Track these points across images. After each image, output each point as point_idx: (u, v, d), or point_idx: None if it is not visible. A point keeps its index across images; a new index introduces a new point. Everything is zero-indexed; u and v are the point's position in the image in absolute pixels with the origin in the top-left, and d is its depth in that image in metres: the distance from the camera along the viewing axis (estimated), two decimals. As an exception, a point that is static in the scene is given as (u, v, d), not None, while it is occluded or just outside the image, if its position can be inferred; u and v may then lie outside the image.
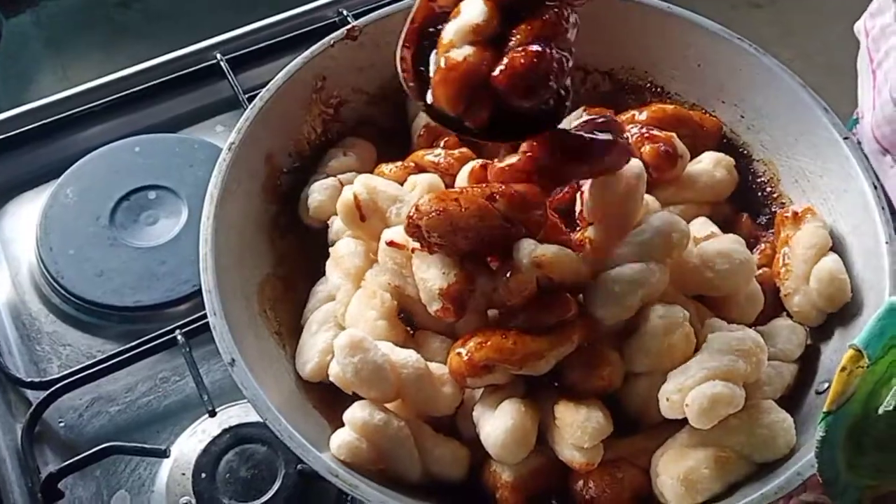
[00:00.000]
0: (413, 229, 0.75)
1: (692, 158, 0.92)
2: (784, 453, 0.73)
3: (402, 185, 0.88)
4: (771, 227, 0.91)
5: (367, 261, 0.84)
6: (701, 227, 0.87)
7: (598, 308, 0.76)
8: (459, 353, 0.74)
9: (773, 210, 0.92)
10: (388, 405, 0.77)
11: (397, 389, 0.76)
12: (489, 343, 0.74)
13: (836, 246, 0.84)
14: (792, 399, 0.80)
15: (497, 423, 0.74)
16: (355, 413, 0.75)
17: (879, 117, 1.02)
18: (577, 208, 0.83)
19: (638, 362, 0.76)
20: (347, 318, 0.82)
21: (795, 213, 0.86)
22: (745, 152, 0.95)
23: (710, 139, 0.95)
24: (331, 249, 0.86)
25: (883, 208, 0.81)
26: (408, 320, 0.83)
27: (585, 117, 0.82)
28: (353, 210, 0.83)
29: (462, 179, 0.84)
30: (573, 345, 0.75)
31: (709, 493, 0.72)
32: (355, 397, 0.77)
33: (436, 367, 0.77)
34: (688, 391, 0.71)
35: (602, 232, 0.80)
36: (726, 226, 0.90)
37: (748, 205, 0.94)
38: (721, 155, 0.92)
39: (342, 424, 0.76)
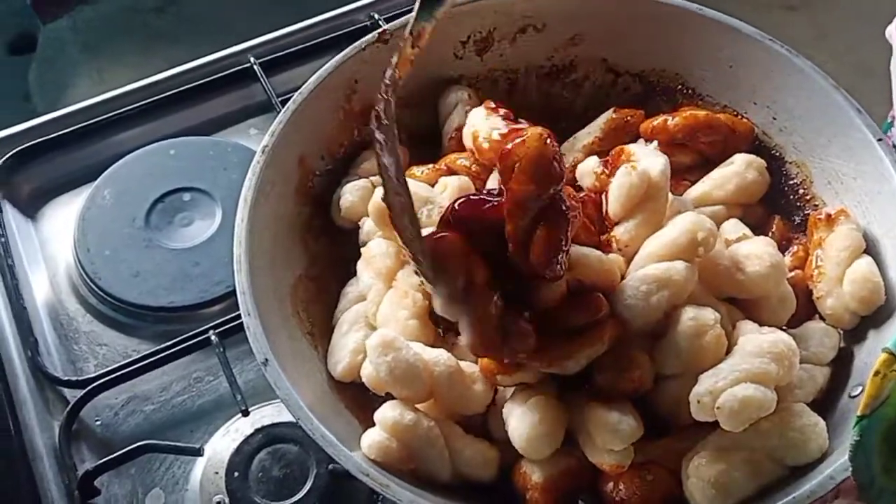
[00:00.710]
0: (446, 227, 0.75)
1: (723, 161, 0.92)
2: (816, 457, 0.72)
3: (433, 186, 0.89)
4: (804, 229, 0.90)
5: (398, 261, 0.84)
6: (733, 228, 0.86)
7: (624, 308, 0.76)
8: None
9: (806, 212, 0.92)
10: (419, 405, 0.77)
11: (429, 388, 0.76)
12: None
13: (870, 248, 0.84)
14: (825, 403, 0.79)
15: (525, 419, 0.74)
16: (386, 413, 0.76)
17: None
18: (604, 209, 0.83)
19: (668, 365, 0.76)
20: (379, 318, 0.83)
21: (829, 215, 0.85)
22: (778, 154, 0.95)
23: (742, 142, 0.94)
24: (362, 250, 0.87)
25: (918, 211, 0.80)
26: (437, 320, 0.83)
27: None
28: (384, 212, 0.83)
29: (492, 183, 0.85)
30: (604, 345, 0.75)
31: (740, 497, 0.72)
32: (387, 398, 0.78)
33: (466, 366, 0.78)
34: (719, 394, 0.70)
35: (628, 231, 0.80)
36: (759, 228, 0.89)
37: (781, 207, 0.93)
38: (752, 157, 0.91)
39: (373, 424, 0.76)
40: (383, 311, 0.82)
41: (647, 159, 0.83)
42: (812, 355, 0.80)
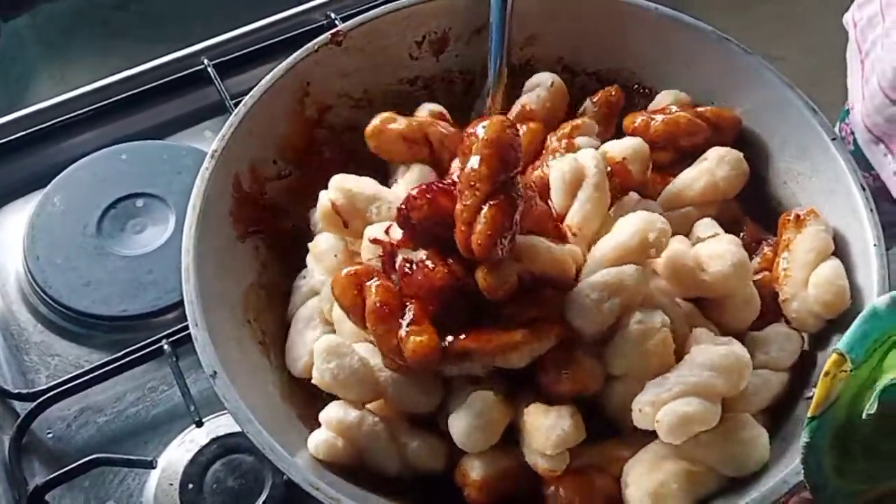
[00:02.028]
0: (402, 220, 0.74)
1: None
2: (756, 469, 0.72)
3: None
4: (774, 230, 0.88)
5: (348, 255, 0.83)
6: (705, 228, 0.85)
7: (575, 318, 0.74)
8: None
9: (768, 211, 0.91)
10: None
11: (376, 391, 0.76)
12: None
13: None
14: (783, 408, 0.78)
15: (464, 411, 0.74)
16: (330, 413, 0.76)
17: (870, 107, 1.01)
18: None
19: (615, 366, 0.75)
20: (335, 315, 0.82)
21: (798, 216, 0.83)
22: (736, 153, 0.94)
23: (727, 136, 0.92)
24: (310, 245, 0.85)
25: (871, 210, 0.80)
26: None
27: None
28: (333, 216, 0.82)
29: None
30: (550, 342, 0.74)
31: None
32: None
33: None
34: (661, 405, 0.70)
35: (575, 215, 0.80)
36: (734, 226, 0.88)
37: (755, 204, 0.92)
38: (726, 150, 0.89)
39: (322, 429, 0.76)
40: (338, 308, 0.81)
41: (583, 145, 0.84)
42: (771, 360, 0.79)
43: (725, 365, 0.72)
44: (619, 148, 0.87)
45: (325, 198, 0.83)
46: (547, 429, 0.72)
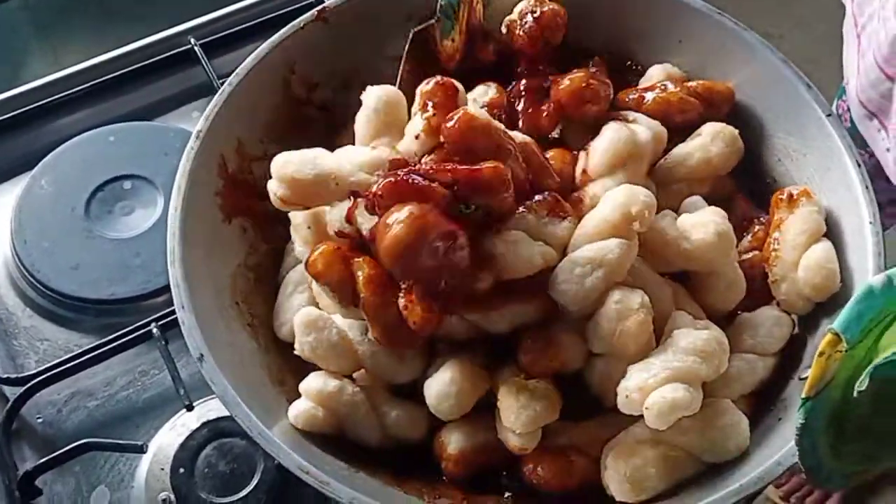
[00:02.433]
0: (370, 209, 0.73)
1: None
2: (734, 455, 0.72)
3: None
4: (766, 208, 0.87)
5: (321, 227, 0.81)
6: (693, 206, 0.84)
7: (559, 294, 0.74)
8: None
9: (761, 188, 0.89)
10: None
11: (356, 363, 0.77)
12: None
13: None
14: (770, 391, 0.78)
15: (439, 376, 0.75)
16: (310, 383, 0.76)
17: (864, 81, 1.00)
18: (582, 166, 0.83)
19: (594, 345, 0.74)
20: (314, 287, 0.81)
21: (791, 195, 0.82)
22: (730, 129, 0.93)
23: (721, 110, 0.90)
24: (290, 215, 0.84)
25: (867, 187, 0.79)
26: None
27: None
28: (287, 206, 0.80)
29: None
30: (531, 309, 0.74)
31: (653, 492, 0.71)
32: None
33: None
34: (649, 391, 0.69)
35: (605, 189, 0.79)
36: (728, 201, 0.87)
37: (749, 181, 0.91)
38: (721, 125, 0.88)
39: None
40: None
41: (642, 123, 0.84)
42: (757, 344, 0.78)
43: (708, 351, 0.71)
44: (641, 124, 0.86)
45: (272, 192, 0.79)
46: (518, 408, 0.72)
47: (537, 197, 0.77)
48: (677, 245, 0.78)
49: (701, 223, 0.78)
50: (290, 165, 0.78)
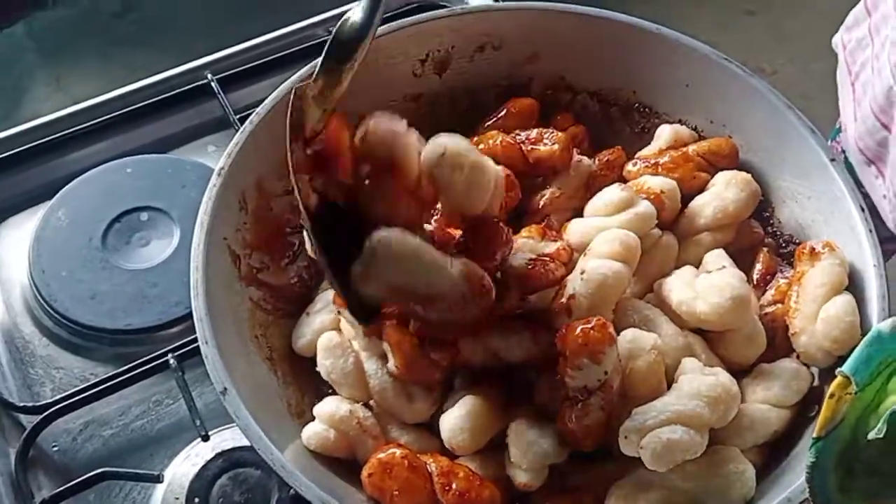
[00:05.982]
0: None
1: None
2: None
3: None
4: (789, 259, 0.89)
5: None
6: (714, 260, 0.85)
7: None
8: None
9: (771, 233, 0.92)
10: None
11: (367, 394, 0.81)
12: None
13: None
14: (786, 441, 0.79)
15: (454, 411, 0.77)
16: (324, 406, 0.80)
17: (861, 129, 1.02)
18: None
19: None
20: (343, 325, 0.84)
21: (813, 249, 0.82)
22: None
23: (730, 162, 0.93)
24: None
25: (871, 231, 0.81)
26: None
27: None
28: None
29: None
30: (548, 336, 0.75)
31: None
32: None
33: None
34: (647, 432, 0.70)
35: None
36: (750, 252, 0.89)
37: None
38: (733, 173, 0.90)
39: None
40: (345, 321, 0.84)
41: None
42: (773, 396, 0.78)
43: (712, 396, 0.72)
44: (658, 182, 0.89)
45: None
46: (527, 444, 0.74)
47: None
48: (692, 306, 0.79)
49: (718, 287, 0.79)
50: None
